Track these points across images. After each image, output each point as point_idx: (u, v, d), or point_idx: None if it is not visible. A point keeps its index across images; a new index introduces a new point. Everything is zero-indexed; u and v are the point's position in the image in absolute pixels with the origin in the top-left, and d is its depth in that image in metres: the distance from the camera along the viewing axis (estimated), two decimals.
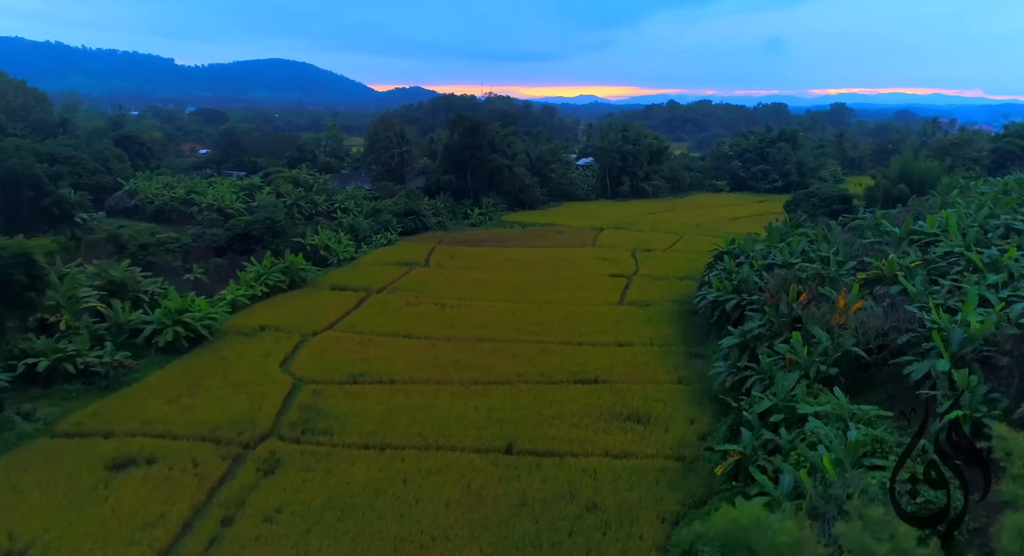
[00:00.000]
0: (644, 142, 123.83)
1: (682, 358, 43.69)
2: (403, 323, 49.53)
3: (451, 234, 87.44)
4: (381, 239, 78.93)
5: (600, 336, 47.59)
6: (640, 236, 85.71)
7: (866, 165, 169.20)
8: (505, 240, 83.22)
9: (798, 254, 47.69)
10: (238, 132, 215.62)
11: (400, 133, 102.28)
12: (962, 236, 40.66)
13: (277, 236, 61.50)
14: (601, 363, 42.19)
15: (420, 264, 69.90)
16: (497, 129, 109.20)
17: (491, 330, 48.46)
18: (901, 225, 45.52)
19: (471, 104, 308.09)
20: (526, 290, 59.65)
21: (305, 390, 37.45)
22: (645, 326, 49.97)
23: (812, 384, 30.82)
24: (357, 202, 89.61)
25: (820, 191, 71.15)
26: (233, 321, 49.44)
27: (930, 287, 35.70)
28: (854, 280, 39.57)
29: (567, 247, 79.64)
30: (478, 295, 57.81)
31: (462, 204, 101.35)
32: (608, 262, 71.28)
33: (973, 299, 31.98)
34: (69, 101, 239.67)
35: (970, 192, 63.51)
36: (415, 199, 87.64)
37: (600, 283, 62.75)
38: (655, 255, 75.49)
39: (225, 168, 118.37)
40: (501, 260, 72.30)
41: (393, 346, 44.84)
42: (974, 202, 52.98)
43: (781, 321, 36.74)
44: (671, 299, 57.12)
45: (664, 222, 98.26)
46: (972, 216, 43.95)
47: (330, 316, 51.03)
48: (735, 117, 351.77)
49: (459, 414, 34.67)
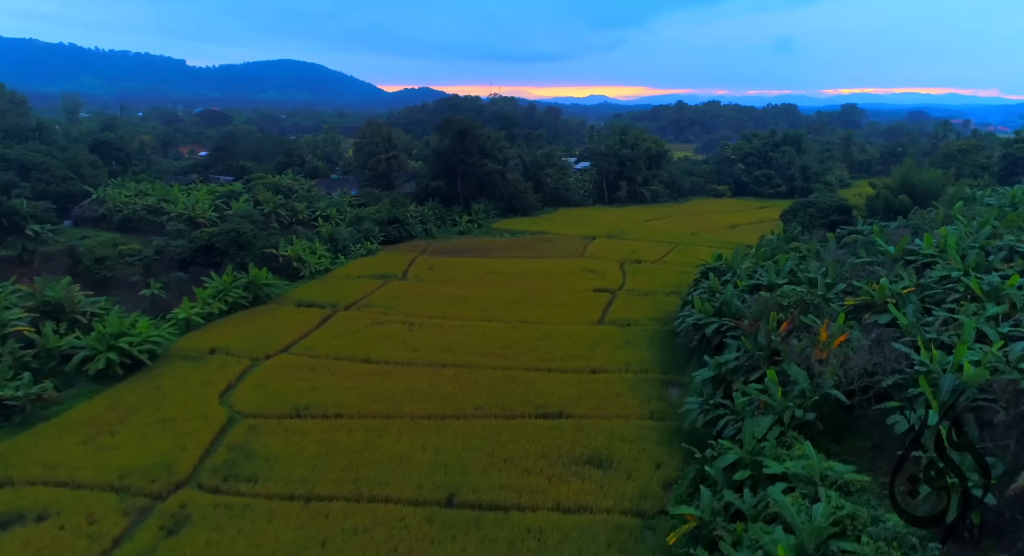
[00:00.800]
0: (643, 146, 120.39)
1: (657, 387, 40.47)
2: (364, 345, 46.45)
3: (436, 243, 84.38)
4: (361, 249, 75.91)
5: (572, 361, 44.42)
6: (632, 246, 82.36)
7: (874, 169, 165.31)
8: (491, 250, 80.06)
9: (785, 274, 44.39)
10: (238, 134, 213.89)
11: (387, 138, 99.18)
12: (961, 258, 37.31)
13: (243, 248, 58.52)
14: (569, 393, 39.02)
15: (397, 277, 66.86)
16: (489, 133, 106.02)
17: (457, 353, 45.36)
18: (897, 243, 42.18)
19: (475, 105, 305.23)
20: (503, 307, 56.53)
21: (240, 426, 34.42)
22: (622, 349, 46.73)
23: (787, 431, 27.59)
24: (340, 209, 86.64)
25: (818, 201, 67.67)
26: (183, 343, 46.51)
27: (923, 317, 32.40)
28: (841, 307, 36.32)
29: (554, 258, 76.42)
30: (451, 312, 54.71)
31: (451, 211, 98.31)
32: (594, 275, 68.07)
33: (969, 334, 28.71)
34: (70, 103, 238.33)
35: (976, 204, 60.03)
36: (399, 206, 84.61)
37: (582, 299, 59.55)
38: (644, 267, 72.20)
39: (213, 173, 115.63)
40: (483, 272, 69.14)
41: (348, 372, 41.78)
42: (978, 217, 49.57)
43: (758, 354, 33.47)
44: (654, 317, 53.85)
45: (659, 230, 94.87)
46: (974, 235, 40.51)
47: (288, 337, 48.02)
48: (743, 118, 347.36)
49: (402, 456, 31.57)
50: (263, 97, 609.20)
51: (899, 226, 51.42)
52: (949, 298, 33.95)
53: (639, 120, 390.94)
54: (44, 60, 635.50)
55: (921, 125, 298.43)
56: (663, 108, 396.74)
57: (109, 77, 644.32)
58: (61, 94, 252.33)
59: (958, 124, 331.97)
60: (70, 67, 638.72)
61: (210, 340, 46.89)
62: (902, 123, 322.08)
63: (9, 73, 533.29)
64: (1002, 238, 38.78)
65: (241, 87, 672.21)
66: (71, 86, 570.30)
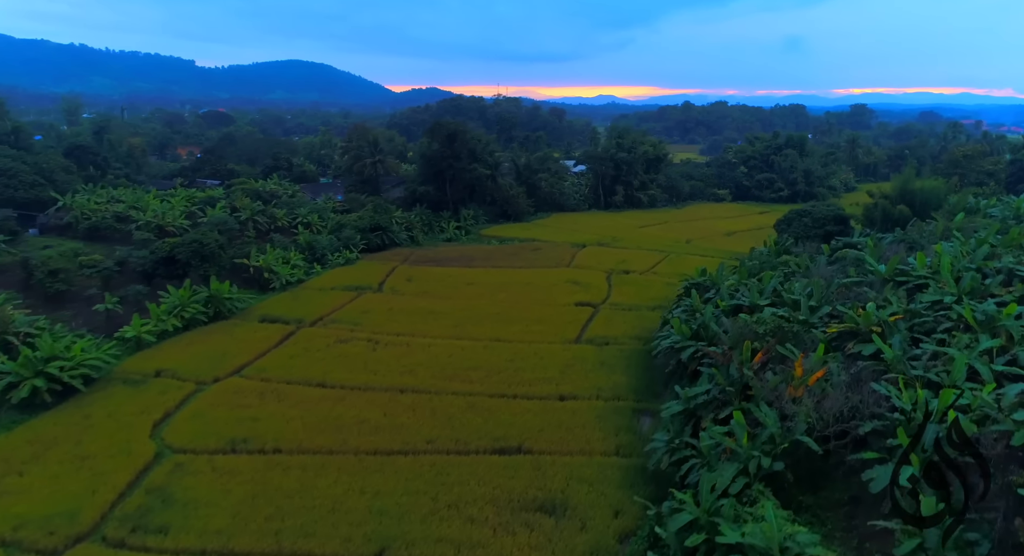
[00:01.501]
0: (640, 149, 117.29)
1: (628, 417, 37.59)
2: (321, 367, 43.71)
3: (420, 251, 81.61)
4: (339, 258, 73.19)
5: (541, 386, 41.57)
6: (622, 255, 79.40)
7: (881, 172, 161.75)
8: (475, 259, 77.23)
9: (769, 294, 41.39)
10: (237, 136, 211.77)
11: (373, 141, 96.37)
12: (955, 281, 34.28)
13: (206, 260, 55.87)
14: (531, 425, 36.18)
15: (372, 288, 64.12)
16: (480, 137, 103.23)
17: (419, 376, 42.57)
18: (889, 261, 39.14)
19: (479, 106, 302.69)
20: (477, 323, 53.73)
21: (166, 463, 31.71)
22: (596, 372, 43.85)
23: (753, 483, 24.69)
24: (323, 216, 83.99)
25: (814, 210, 64.53)
26: (129, 364, 43.89)
27: (910, 350, 29.44)
28: (824, 334, 33.34)
29: (540, 267, 73.56)
30: (421, 329, 51.93)
31: (440, 216, 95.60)
32: (578, 287, 65.21)
33: (960, 373, 25.92)
34: (70, 105, 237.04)
35: (979, 215, 56.86)
36: (382, 213, 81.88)
37: (562, 314, 56.69)
38: (632, 279, 69.27)
39: (200, 176, 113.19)
40: (463, 284, 66.36)
41: (297, 398, 39.04)
42: (979, 231, 46.47)
43: (728, 389, 30.54)
44: (635, 335, 50.92)
45: (652, 237, 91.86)
46: (970, 255, 37.41)
47: (242, 357, 45.32)
48: (751, 119, 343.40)
49: (336, 501, 28.78)
50: (271, 97, 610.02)
51: (894, 240, 48.34)
52: (940, 327, 30.94)
53: (645, 121, 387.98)
54: (55, 61, 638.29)
55: (932, 126, 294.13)
56: (669, 109, 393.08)
57: (119, 78, 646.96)
58: (62, 95, 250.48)
59: (969, 125, 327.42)
60: (81, 68, 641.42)
61: (158, 361, 44.24)
62: (912, 124, 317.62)
63: (21, 74, 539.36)
64: (1001, 259, 35.70)
65: (250, 87, 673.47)
66: (82, 87, 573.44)
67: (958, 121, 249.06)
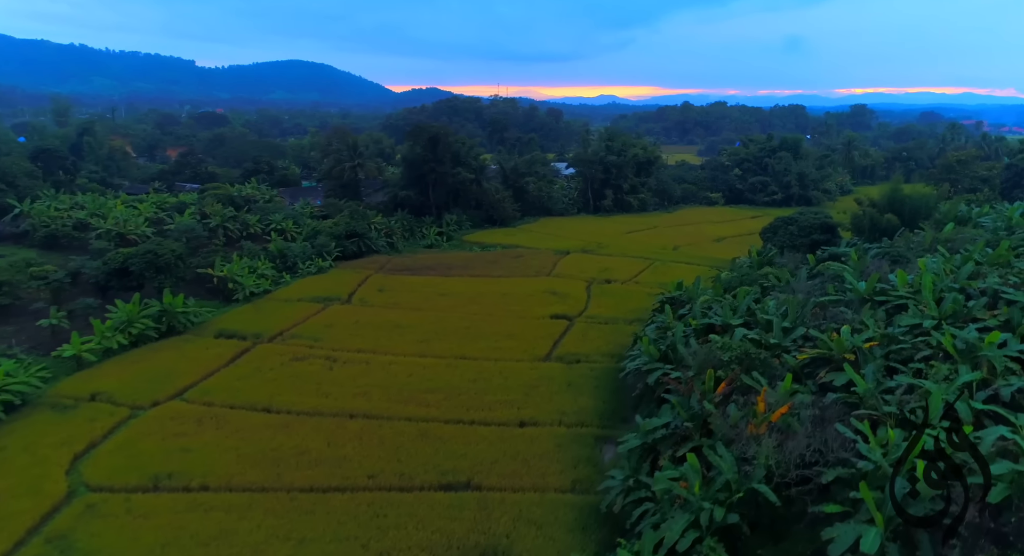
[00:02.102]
0: (630, 152, 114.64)
1: (590, 446, 35.09)
2: (270, 389, 41.20)
3: (397, 259, 79.07)
4: (310, 267, 70.68)
5: (502, 410, 39.06)
6: (605, 262, 76.88)
7: (878, 174, 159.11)
8: (453, 268, 74.71)
9: (743, 313, 38.81)
10: (228, 137, 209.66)
11: (352, 145, 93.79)
12: (937, 303, 31.71)
13: (161, 271, 53.35)
14: (484, 456, 33.68)
15: (341, 300, 61.63)
16: (464, 140, 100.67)
17: (373, 399, 40.07)
18: (869, 278, 36.56)
19: (475, 107, 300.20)
20: (444, 338, 51.24)
21: (76, 505, 29.20)
22: (562, 394, 41.34)
23: (705, 537, 22.17)
24: (298, 222, 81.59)
25: (800, 218, 61.90)
26: (64, 386, 41.41)
27: (884, 382, 26.87)
28: (795, 359, 30.83)
29: (518, 276, 71.04)
30: (384, 345, 49.43)
31: (422, 222, 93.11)
32: (556, 298, 62.71)
33: (936, 410, 23.38)
34: (60, 106, 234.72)
35: (969, 225, 54.29)
36: (358, 219, 79.36)
37: (535, 328, 54.16)
38: (613, 288, 66.79)
39: (179, 180, 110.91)
40: (436, 294, 63.87)
41: (238, 426, 36.52)
42: (968, 243, 43.93)
43: (686, 425, 28.01)
44: (609, 352, 48.38)
45: (639, 243, 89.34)
46: (954, 273, 34.78)
47: (188, 377, 42.83)
48: (750, 119, 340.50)
49: (255, 550, 26.30)
50: (272, 98, 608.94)
51: (878, 253, 45.77)
52: (918, 355, 28.36)
53: (644, 121, 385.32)
54: (56, 61, 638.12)
55: (932, 126, 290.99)
56: (669, 109, 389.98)
57: (120, 78, 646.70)
58: (51, 96, 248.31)
59: (970, 126, 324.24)
60: (81, 68, 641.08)
61: (96, 383, 41.74)
62: (912, 125, 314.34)
63: (21, 74, 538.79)
64: (986, 278, 33.08)
65: (250, 87, 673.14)
66: (82, 87, 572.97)
67: (958, 122, 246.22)
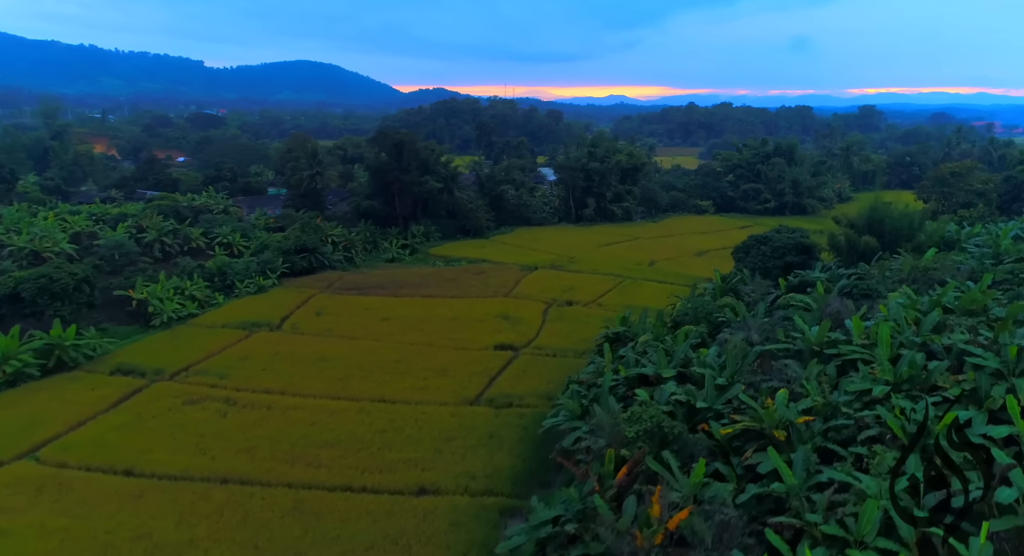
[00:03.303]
0: (613, 159, 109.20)
1: (491, 525, 29.85)
2: (142, 444, 36.16)
3: (350, 275, 73.92)
4: (250, 286, 65.66)
5: (403, 472, 33.94)
6: (572, 280, 71.65)
7: (880, 180, 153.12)
8: (406, 286, 69.58)
9: (678, 361, 33.50)
10: (217, 140, 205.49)
11: (312, 152, 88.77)
12: (894, 361, 26.40)
13: (56, 298, 48.44)
14: (361, 539, 28.59)
15: (271, 325, 56.60)
16: (433, 146, 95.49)
17: (256, 458, 34.98)
18: (820, 326, 31.20)
19: (473, 108, 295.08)
20: (367, 375, 46.22)
21: None
22: (480, 449, 36.21)
23: None
24: (248, 235, 76.72)
25: (774, 238, 56.40)
26: None
27: (816, 474, 21.59)
28: (726, 426, 25.60)
29: (475, 297, 65.92)
30: (296, 385, 44.39)
31: (388, 233, 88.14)
32: (508, 323, 57.67)
33: (869, 522, 18.29)
34: (48, 108, 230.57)
35: (956, 248, 48.83)
36: (310, 232, 74.29)
37: (473, 362, 49.02)
38: (573, 312, 61.63)
39: (141, 187, 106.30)
40: (377, 319, 58.83)
41: (82, 496, 31.37)
42: (951, 272, 38.56)
43: (572, 523, 22.79)
44: (546, 393, 43.13)
45: (614, 258, 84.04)
46: (920, 321, 29.31)
47: (53, 427, 37.79)
48: (754, 121, 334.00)
49: None
50: (278, 98, 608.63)
51: (846, 286, 40.40)
52: (861, 436, 23.09)
53: (648, 122, 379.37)
54: (65, 62, 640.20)
55: (941, 128, 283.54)
56: (673, 110, 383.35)
57: (128, 78, 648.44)
58: (39, 98, 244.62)
59: (981, 127, 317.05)
60: (90, 68, 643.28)
61: None
62: (921, 127, 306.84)
63: (31, 74, 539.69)
64: (953, 332, 27.66)
65: (257, 88, 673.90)
66: (90, 87, 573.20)
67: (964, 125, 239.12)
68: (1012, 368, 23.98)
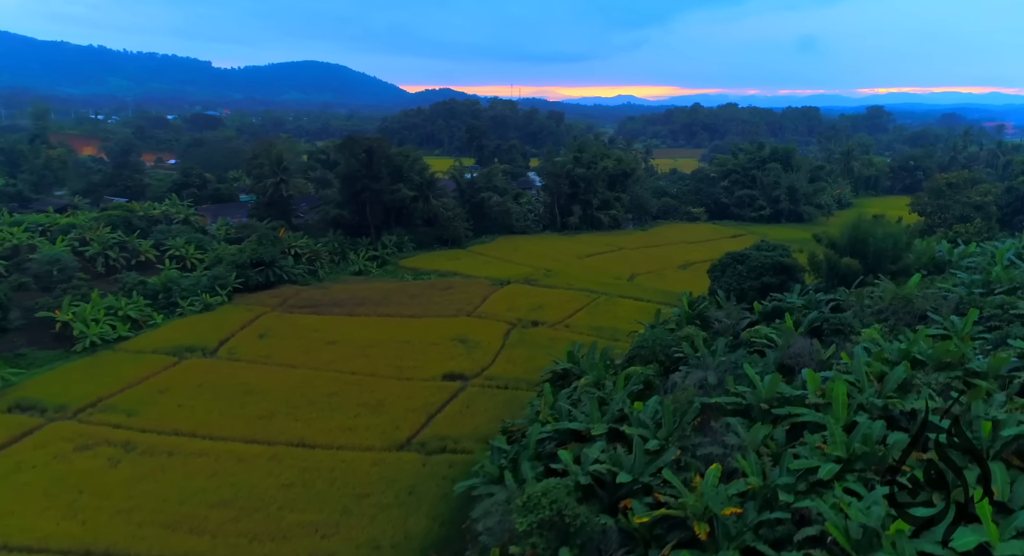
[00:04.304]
0: (600, 164, 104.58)
1: None
2: (5, 503, 31.89)
3: (308, 291, 69.57)
4: (195, 304, 61.41)
5: (298, 541, 29.70)
6: (543, 297, 67.28)
7: (883, 185, 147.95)
8: (364, 303, 65.25)
9: (614, 414, 29.00)
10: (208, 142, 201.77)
11: (277, 158, 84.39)
12: (849, 429, 21.91)
13: None
14: None
15: (206, 350, 52.32)
16: (408, 152, 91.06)
17: (131, 522, 30.64)
18: (770, 380, 26.62)
19: (472, 109, 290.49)
20: (293, 412, 41.97)
21: None
22: (394, 510, 31.99)
23: None
24: (204, 246, 72.58)
25: (752, 256, 51.80)
26: None
27: None
28: (650, 509, 21.18)
29: (435, 316, 61.52)
30: (210, 425, 40.11)
31: (358, 244, 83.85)
32: (463, 348, 53.43)
33: None
34: (38, 111, 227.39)
35: (947, 272, 44.17)
36: (268, 244, 70.04)
37: (414, 396, 44.73)
38: (536, 334, 57.23)
39: (109, 194, 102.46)
40: (324, 342, 54.58)
41: None
42: (934, 304, 33.96)
43: None
44: (486, 434, 38.41)
45: (593, 270, 79.60)
46: (888, 376, 24.67)
47: None
48: (759, 122, 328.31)
49: None
50: (285, 98, 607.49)
51: (818, 318, 35.83)
52: (799, 535, 18.58)
53: (652, 123, 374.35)
54: (74, 62, 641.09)
55: (951, 129, 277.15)
56: (677, 110, 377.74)
57: (136, 79, 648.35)
58: (29, 100, 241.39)
59: (992, 128, 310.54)
60: (99, 69, 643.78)
61: None
62: (930, 128, 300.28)
63: (40, 75, 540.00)
64: (920, 391, 23.09)
65: (264, 88, 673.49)
66: (99, 88, 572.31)
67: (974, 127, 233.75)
68: (986, 448, 19.44)
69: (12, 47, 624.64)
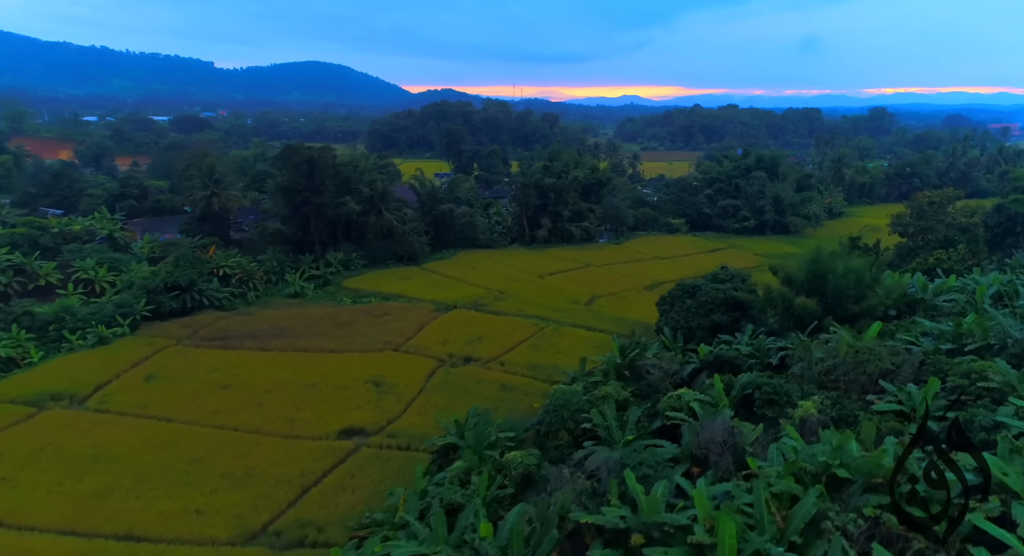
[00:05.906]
0: (572, 174, 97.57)
1: None
2: None
3: (227, 319, 62.68)
4: (86, 338, 54.71)
5: None
6: (486, 326, 60.49)
7: (878, 192, 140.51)
8: (285, 333, 58.49)
9: (460, 533, 22.10)
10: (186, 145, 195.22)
11: (208, 170, 77.69)
12: None
13: None
14: None
15: (75, 399, 45.58)
16: (357, 162, 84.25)
17: None
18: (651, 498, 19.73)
19: (464, 111, 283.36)
20: (139, 486, 35.33)
21: None
22: None
23: None
24: (120, 268, 65.97)
25: (703, 287, 44.88)
26: None
27: None
28: None
29: (357, 350, 54.81)
30: (31, 505, 33.43)
31: (300, 261, 77.06)
32: (376, 392, 46.94)
33: None
34: (13, 112, 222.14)
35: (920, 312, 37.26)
36: (186, 266, 63.35)
37: (294, 460, 38.03)
38: (466, 374, 50.54)
39: (44, 205, 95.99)
40: (218, 386, 47.86)
41: None
42: (892, 359, 27.16)
43: None
44: (364, 513, 31.70)
45: (550, 292, 72.72)
46: (794, 510, 17.71)
47: None
48: (759, 124, 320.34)
49: None
50: (287, 99, 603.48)
51: (751, 381, 28.94)
52: None
53: (651, 125, 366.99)
54: (77, 63, 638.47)
55: (955, 131, 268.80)
56: (676, 111, 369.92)
57: (138, 79, 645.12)
58: (3, 101, 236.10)
59: (997, 130, 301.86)
60: (101, 70, 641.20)
61: None
62: (933, 130, 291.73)
63: (43, 75, 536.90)
64: (832, 538, 16.10)
65: (267, 89, 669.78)
66: (101, 88, 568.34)
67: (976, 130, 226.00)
68: None
69: (15, 48, 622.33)
